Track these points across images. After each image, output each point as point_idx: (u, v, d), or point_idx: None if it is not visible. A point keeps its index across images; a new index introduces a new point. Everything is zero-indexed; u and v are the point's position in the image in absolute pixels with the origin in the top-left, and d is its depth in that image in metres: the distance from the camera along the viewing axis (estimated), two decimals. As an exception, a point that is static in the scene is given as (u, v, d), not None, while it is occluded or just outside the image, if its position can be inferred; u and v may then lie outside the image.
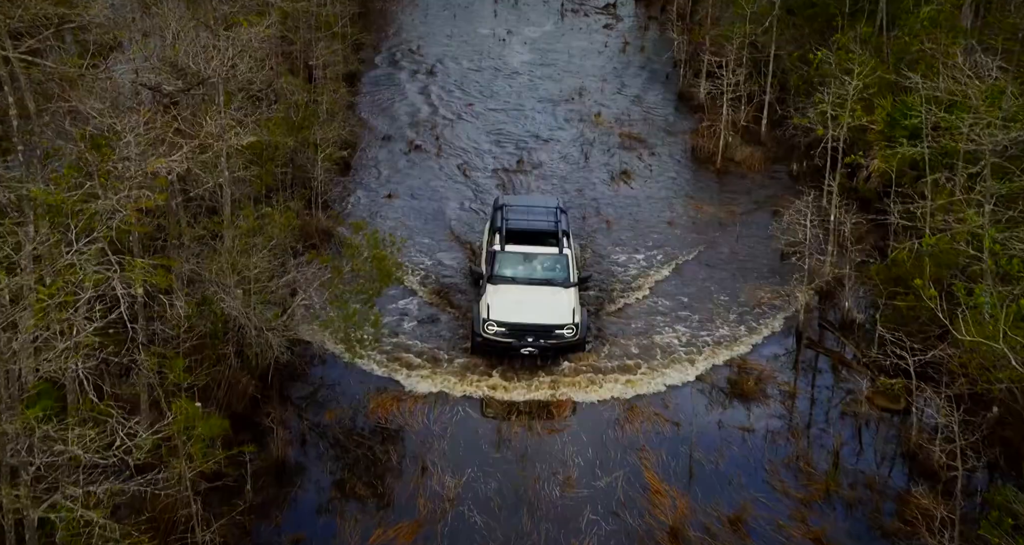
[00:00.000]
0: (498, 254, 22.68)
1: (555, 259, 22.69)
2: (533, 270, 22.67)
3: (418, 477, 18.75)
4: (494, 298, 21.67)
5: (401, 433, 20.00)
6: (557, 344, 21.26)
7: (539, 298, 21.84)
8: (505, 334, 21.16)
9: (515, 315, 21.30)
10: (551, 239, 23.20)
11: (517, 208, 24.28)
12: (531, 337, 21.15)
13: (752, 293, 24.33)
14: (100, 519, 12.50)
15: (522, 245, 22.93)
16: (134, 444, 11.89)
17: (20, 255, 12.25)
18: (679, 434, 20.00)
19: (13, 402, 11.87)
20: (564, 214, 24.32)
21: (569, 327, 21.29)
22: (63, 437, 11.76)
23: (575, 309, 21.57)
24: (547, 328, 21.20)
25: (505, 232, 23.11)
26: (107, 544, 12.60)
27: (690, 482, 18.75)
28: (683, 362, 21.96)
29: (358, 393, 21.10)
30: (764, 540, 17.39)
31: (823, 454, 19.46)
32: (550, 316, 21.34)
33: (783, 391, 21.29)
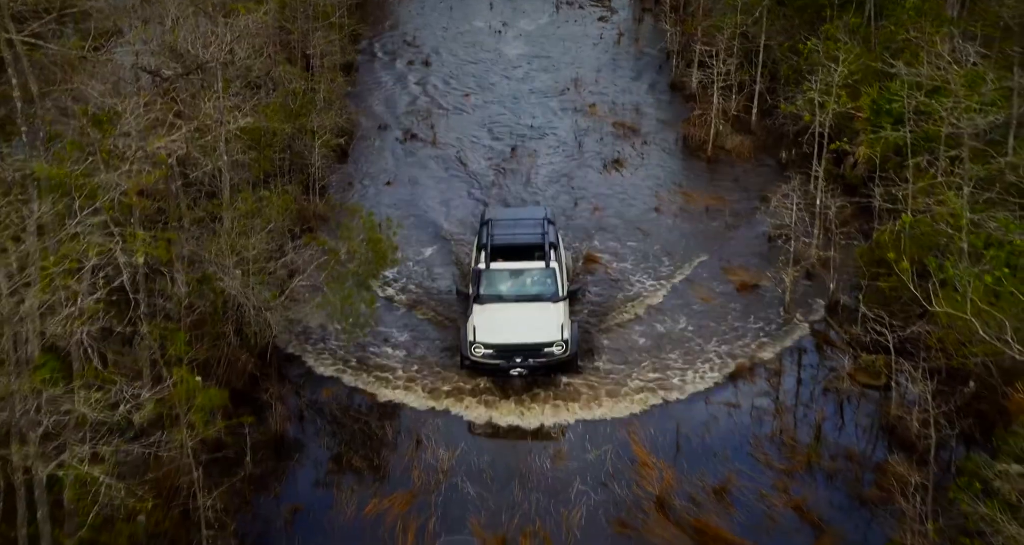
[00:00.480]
0: (483, 273, 22.10)
1: (542, 273, 22.13)
2: (520, 286, 22.17)
3: (412, 450, 19.42)
4: (480, 319, 21.14)
5: (396, 410, 20.62)
6: (547, 362, 20.70)
7: (526, 315, 21.33)
8: (493, 355, 20.68)
9: (502, 335, 20.78)
10: (538, 253, 22.58)
11: (503, 222, 23.78)
12: (520, 357, 20.60)
13: (738, 275, 24.90)
14: (105, 478, 13.11)
15: (508, 261, 22.39)
16: (137, 404, 12.48)
17: (25, 224, 12.80)
18: (667, 410, 20.62)
19: (21, 365, 12.47)
20: (552, 224, 23.79)
21: (559, 344, 20.71)
22: (69, 398, 12.36)
23: (564, 324, 20.97)
24: (536, 346, 20.66)
25: (490, 249, 22.57)
26: (112, 503, 13.19)
27: (676, 455, 19.39)
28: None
29: (358, 369, 21.73)
30: (747, 509, 18.03)
31: (806, 428, 20.10)
32: (538, 334, 20.78)
33: (769, 369, 21.88)
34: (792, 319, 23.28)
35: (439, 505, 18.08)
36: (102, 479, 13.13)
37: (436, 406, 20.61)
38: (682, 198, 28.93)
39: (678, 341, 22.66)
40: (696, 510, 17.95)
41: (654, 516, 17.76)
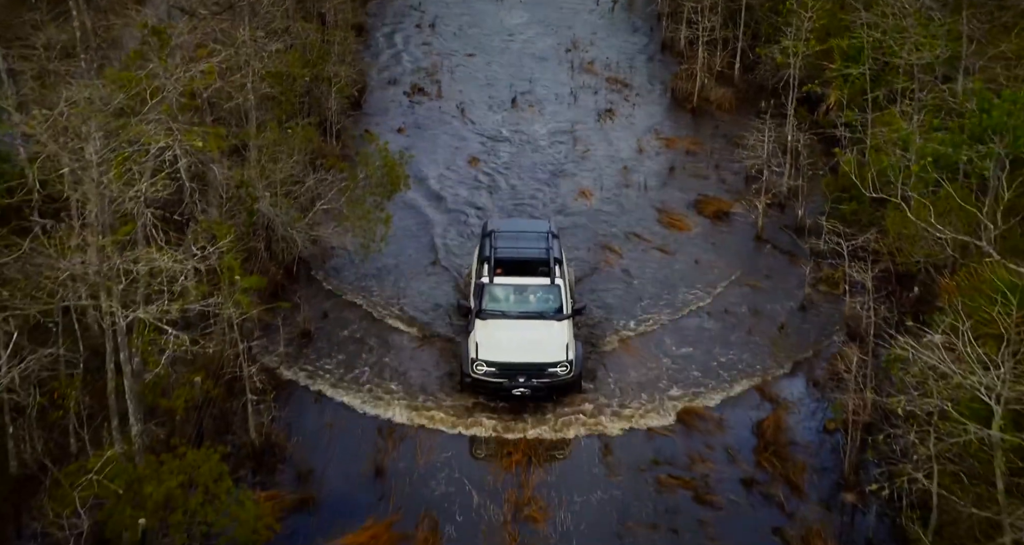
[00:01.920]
0: (486, 287, 21.60)
1: (547, 290, 21.64)
2: (524, 303, 21.70)
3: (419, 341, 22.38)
4: (482, 335, 20.66)
5: (409, 308, 23.52)
6: (551, 383, 20.30)
7: (530, 334, 20.88)
8: (495, 374, 20.24)
9: (505, 354, 20.29)
10: (542, 268, 22.04)
11: (505, 235, 23.11)
12: (523, 377, 20.21)
13: (714, 204, 27.77)
14: (172, 331, 15.98)
15: (511, 276, 21.88)
16: (204, 256, 15.36)
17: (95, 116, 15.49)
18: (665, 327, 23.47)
19: (106, 225, 15.32)
20: (556, 239, 23.30)
21: (563, 365, 20.29)
22: (147, 254, 15.23)
23: (569, 344, 20.50)
24: (540, 366, 20.24)
25: (493, 262, 22.07)
26: (177, 350, 16.09)
27: (654, 351, 22.25)
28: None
29: (376, 285, 24.60)
30: (718, 380, 21.07)
31: (772, 326, 22.95)
32: (543, 354, 20.34)
33: (745, 283, 24.70)
34: (762, 241, 26.10)
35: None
36: (170, 331, 16.00)
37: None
38: (666, 143, 31.73)
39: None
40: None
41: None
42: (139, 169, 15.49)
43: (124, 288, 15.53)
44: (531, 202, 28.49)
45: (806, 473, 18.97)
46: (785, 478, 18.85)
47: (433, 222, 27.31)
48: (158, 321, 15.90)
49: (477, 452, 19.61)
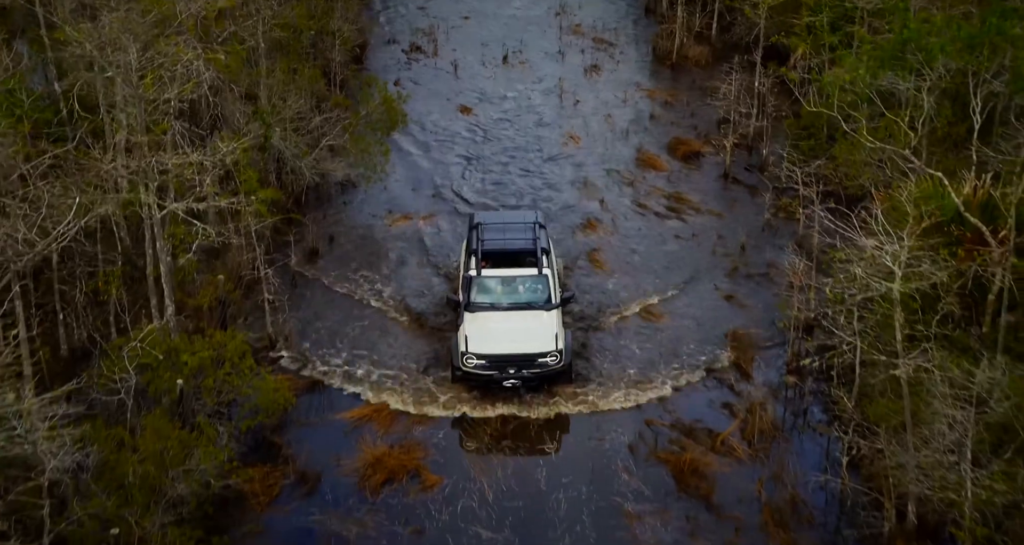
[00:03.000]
0: (474, 280, 21.99)
1: (535, 280, 22.02)
2: (512, 294, 22.06)
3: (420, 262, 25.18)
4: (472, 328, 21.04)
5: (410, 236, 26.29)
6: (541, 373, 20.75)
7: (520, 325, 21.27)
8: (486, 366, 20.64)
9: (495, 346, 20.67)
10: (530, 258, 22.49)
11: (492, 227, 23.52)
12: (513, 368, 20.62)
13: (687, 145, 30.52)
14: (199, 224, 18.74)
15: (499, 268, 22.34)
16: (228, 152, 18.13)
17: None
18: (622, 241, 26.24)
19: (143, 125, 18.07)
20: (543, 229, 23.66)
21: (553, 354, 20.69)
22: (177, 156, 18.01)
23: (558, 334, 20.92)
24: (530, 357, 20.62)
25: (480, 254, 22.47)
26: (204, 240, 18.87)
27: (631, 267, 25.04)
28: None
29: (379, 211, 27.36)
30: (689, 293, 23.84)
31: (735, 247, 25.72)
32: (532, 344, 20.73)
33: (714, 213, 27.47)
34: (728, 177, 28.87)
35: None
36: (197, 224, 18.76)
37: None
38: (647, 94, 34.44)
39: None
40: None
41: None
42: (169, 77, 18.23)
43: (158, 185, 18.31)
44: (522, 146, 31.17)
45: (755, 362, 21.78)
46: (737, 366, 21.66)
47: (427, 160, 30.07)
48: (187, 215, 18.70)
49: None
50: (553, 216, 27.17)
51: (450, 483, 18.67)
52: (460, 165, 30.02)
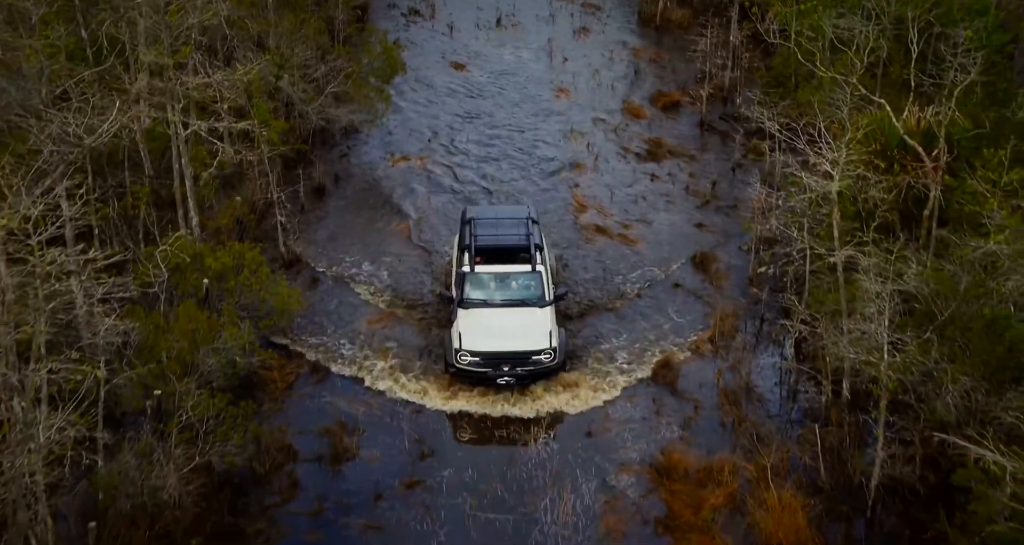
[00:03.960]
0: (467, 276, 22.01)
1: (529, 277, 22.03)
2: (506, 290, 22.06)
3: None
4: (465, 325, 21.09)
5: (409, 173, 28.82)
6: (535, 370, 20.86)
7: (513, 322, 21.33)
8: (479, 364, 20.70)
9: (489, 343, 20.72)
10: (523, 254, 22.50)
11: (485, 222, 23.41)
12: (507, 365, 20.69)
13: (667, 97, 33.09)
14: (220, 142, 21.29)
15: (492, 264, 22.31)
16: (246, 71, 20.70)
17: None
18: (604, 179, 28.81)
19: (169, 50, 20.62)
20: (536, 224, 23.63)
21: (547, 352, 20.78)
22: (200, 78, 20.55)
23: (552, 331, 21.03)
24: (524, 354, 20.72)
25: (474, 250, 22.45)
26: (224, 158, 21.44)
27: (611, 201, 27.64)
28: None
29: (381, 154, 29.90)
30: (663, 222, 26.37)
31: (707, 184, 28.30)
32: (527, 341, 20.83)
33: (689, 155, 30.03)
34: (704, 125, 31.46)
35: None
36: (217, 143, 21.30)
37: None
38: (632, 53, 36.98)
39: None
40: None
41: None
42: (190, 6, 20.81)
43: (182, 107, 20.88)
44: (514, 99, 33.65)
45: (724, 278, 24.38)
46: (707, 279, 24.28)
47: (424, 110, 32.62)
48: (208, 135, 21.27)
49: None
50: (541, 159, 29.79)
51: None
52: (455, 114, 32.51)
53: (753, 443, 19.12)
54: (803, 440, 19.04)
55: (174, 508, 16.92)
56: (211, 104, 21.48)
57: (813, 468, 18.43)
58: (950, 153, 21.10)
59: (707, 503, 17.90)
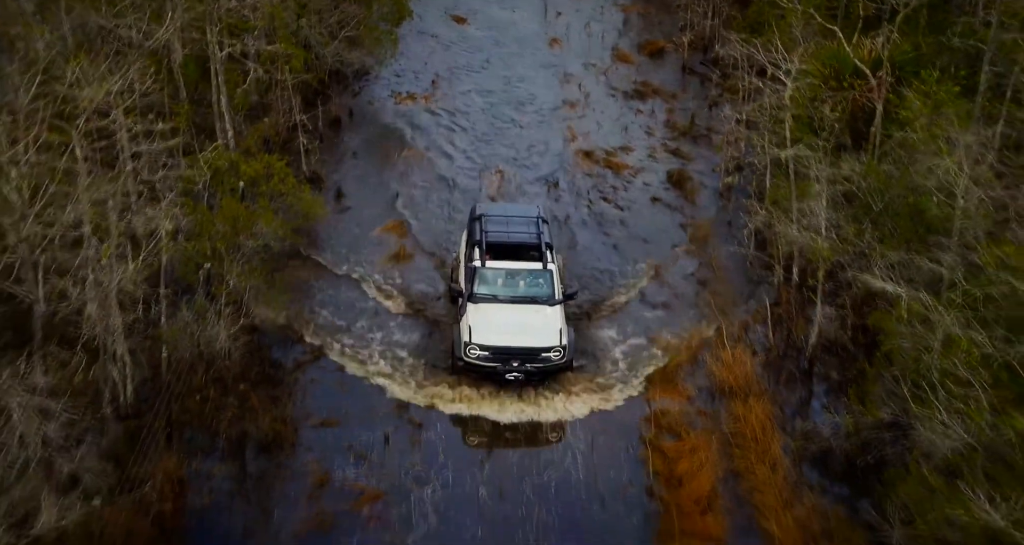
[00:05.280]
0: (478, 270, 22.30)
1: (539, 275, 22.39)
2: (516, 287, 22.38)
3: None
4: (475, 319, 21.35)
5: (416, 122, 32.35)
6: (544, 368, 21.10)
7: (524, 318, 21.61)
8: (488, 359, 20.91)
9: (499, 338, 20.92)
10: (534, 252, 22.94)
11: (495, 219, 23.77)
12: (516, 361, 20.92)
13: (652, 44, 36.63)
14: (251, 63, 24.79)
15: (503, 260, 22.63)
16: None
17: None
18: (593, 115, 32.33)
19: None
20: (546, 224, 24.05)
21: (556, 350, 21.05)
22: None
23: (562, 329, 21.36)
24: (533, 351, 20.95)
25: (484, 246, 22.87)
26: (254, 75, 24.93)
27: (599, 132, 31.15)
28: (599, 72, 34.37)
29: (389, 94, 33.38)
30: (643, 148, 29.91)
31: (685, 119, 31.83)
32: (537, 339, 21.10)
33: (670, 94, 33.56)
34: (686, 69, 34.99)
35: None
36: (249, 63, 24.78)
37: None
38: (622, 9, 40.56)
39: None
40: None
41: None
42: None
43: (218, 30, 24.41)
44: (511, 49, 37.12)
45: (698, 194, 27.94)
46: (683, 197, 27.83)
47: (427, 57, 36.12)
48: (241, 56, 24.77)
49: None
50: (537, 99, 33.28)
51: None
52: (456, 60, 36.00)
53: (716, 316, 22.71)
54: (757, 313, 22.64)
55: (224, 359, 20.49)
56: (242, 29, 24.97)
57: (764, 333, 22.04)
58: (893, 74, 24.59)
59: (673, 362, 21.49)
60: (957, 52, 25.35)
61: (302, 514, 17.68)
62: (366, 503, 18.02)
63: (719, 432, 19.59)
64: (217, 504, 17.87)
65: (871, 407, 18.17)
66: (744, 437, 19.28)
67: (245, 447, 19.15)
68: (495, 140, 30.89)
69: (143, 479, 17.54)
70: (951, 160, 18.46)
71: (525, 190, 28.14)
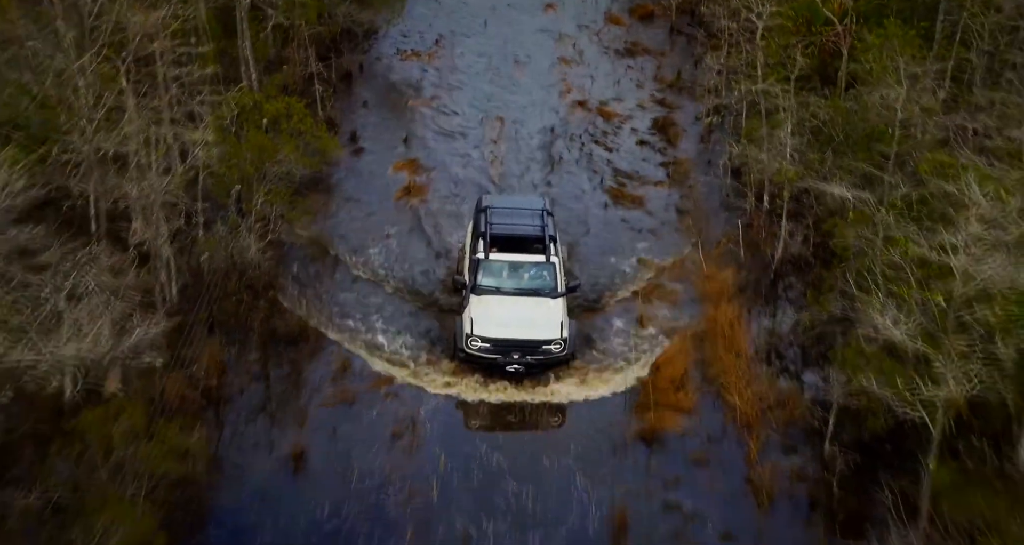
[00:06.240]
0: (481, 263, 22.72)
1: (542, 268, 22.74)
2: (519, 280, 22.71)
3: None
4: (478, 311, 21.76)
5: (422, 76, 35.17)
6: (544, 360, 21.51)
7: (526, 311, 21.94)
8: (489, 350, 21.33)
9: (500, 330, 21.36)
10: (537, 245, 23.25)
11: (501, 211, 24.17)
12: (517, 353, 21.29)
13: (645, 8, 39.53)
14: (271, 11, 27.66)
15: (507, 253, 23.00)
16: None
17: None
18: (587, 70, 35.17)
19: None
20: (551, 216, 24.46)
21: (557, 342, 21.40)
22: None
23: (563, 322, 21.70)
24: (534, 343, 21.34)
25: (489, 238, 23.19)
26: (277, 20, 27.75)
27: (592, 85, 33.99)
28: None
29: (396, 51, 36.21)
30: (631, 96, 32.78)
31: (672, 74, 34.69)
32: (538, 331, 21.46)
33: (659, 53, 36.44)
34: (675, 30, 37.88)
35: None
36: (269, 10, 27.63)
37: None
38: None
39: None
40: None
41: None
42: None
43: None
44: (509, 14, 39.90)
45: (681, 137, 30.84)
46: (666, 140, 30.71)
47: (430, 19, 39.00)
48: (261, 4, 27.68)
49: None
50: (534, 57, 36.11)
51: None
52: (457, 23, 38.81)
53: (695, 238, 25.66)
54: (732, 234, 25.55)
55: (255, 268, 23.35)
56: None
57: (737, 251, 24.96)
58: (858, 22, 27.42)
59: (657, 276, 24.45)
60: (918, 3, 28.22)
61: (328, 391, 20.63)
62: (383, 384, 20.97)
63: (695, 330, 22.53)
64: (254, 383, 20.85)
65: (825, 303, 21.04)
66: (716, 334, 22.18)
67: (276, 341, 22.08)
68: (495, 92, 33.75)
69: (191, 360, 20.48)
70: (897, 87, 21.30)
71: (523, 134, 31.01)
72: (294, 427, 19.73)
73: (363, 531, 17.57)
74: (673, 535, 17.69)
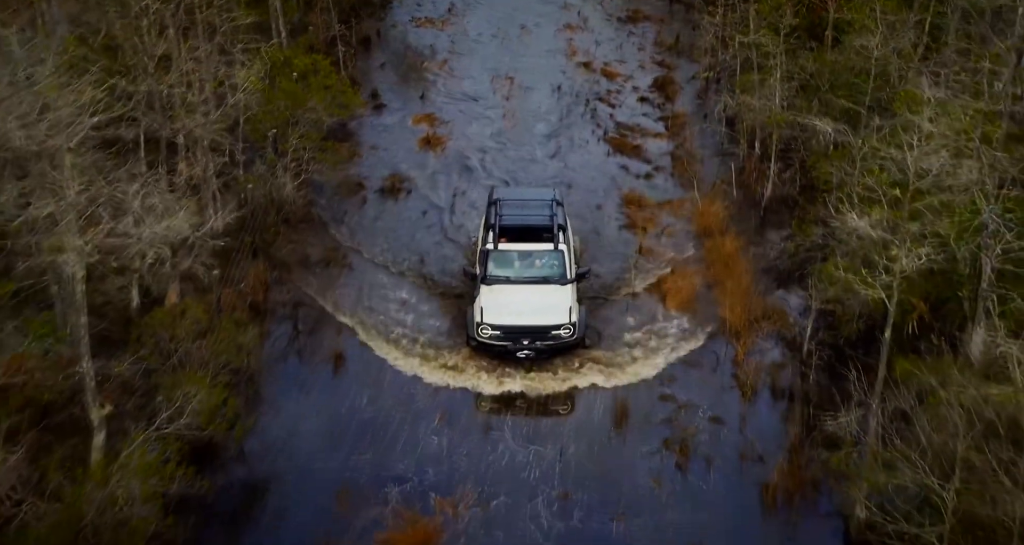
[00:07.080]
0: (491, 253, 23.42)
1: (551, 255, 23.41)
2: (528, 268, 23.41)
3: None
4: (488, 300, 22.48)
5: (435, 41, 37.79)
6: (554, 345, 22.14)
7: (535, 298, 22.62)
8: (500, 337, 22.02)
9: (510, 317, 22.04)
10: (546, 234, 23.93)
11: (511, 203, 24.96)
12: (527, 339, 22.00)
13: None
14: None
15: (516, 242, 23.77)
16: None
17: None
18: (591, 36, 37.75)
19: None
20: (560, 206, 25.08)
21: (566, 327, 21.99)
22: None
23: (572, 307, 22.29)
24: (543, 329, 22.01)
25: (498, 229, 23.95)
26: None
27: (596, 48, 36.60)
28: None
29: (407, 18, 38.84)
30: (631, 59, 35.39)
31: (672, 38, 37.34)
32: (546, 317, 22.09)
33: (659, 19, 39.06)
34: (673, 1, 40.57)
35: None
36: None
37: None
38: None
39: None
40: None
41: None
42: None
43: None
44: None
45: (679, 94, 33.48)
46: (665, 97, 33.35)
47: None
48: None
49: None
50: (541, 23, 38.72)
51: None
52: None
53: (693, 180, 28.33)
54: (726, 177, 28.21)
55: (290, 204, 26.03)
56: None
57: (730, 192, 27.63)
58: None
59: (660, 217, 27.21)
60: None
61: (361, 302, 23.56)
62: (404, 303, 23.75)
63: (692, 257, 25.30)
64: (295, 298, 23.58)
65: (808, 231, 23.73)
66: (716, 262, 24.89)
67: (310, 265, 24.81)
68: (504, 55, 36.36)
69: (239, 279, 23.18)
70: (875, 28, 23.95)
71: (532, 90, 33.67)
72: (332, 336, 22.50)
73: (397, 417, 20.34)
74: (667, 420, 20.47)
